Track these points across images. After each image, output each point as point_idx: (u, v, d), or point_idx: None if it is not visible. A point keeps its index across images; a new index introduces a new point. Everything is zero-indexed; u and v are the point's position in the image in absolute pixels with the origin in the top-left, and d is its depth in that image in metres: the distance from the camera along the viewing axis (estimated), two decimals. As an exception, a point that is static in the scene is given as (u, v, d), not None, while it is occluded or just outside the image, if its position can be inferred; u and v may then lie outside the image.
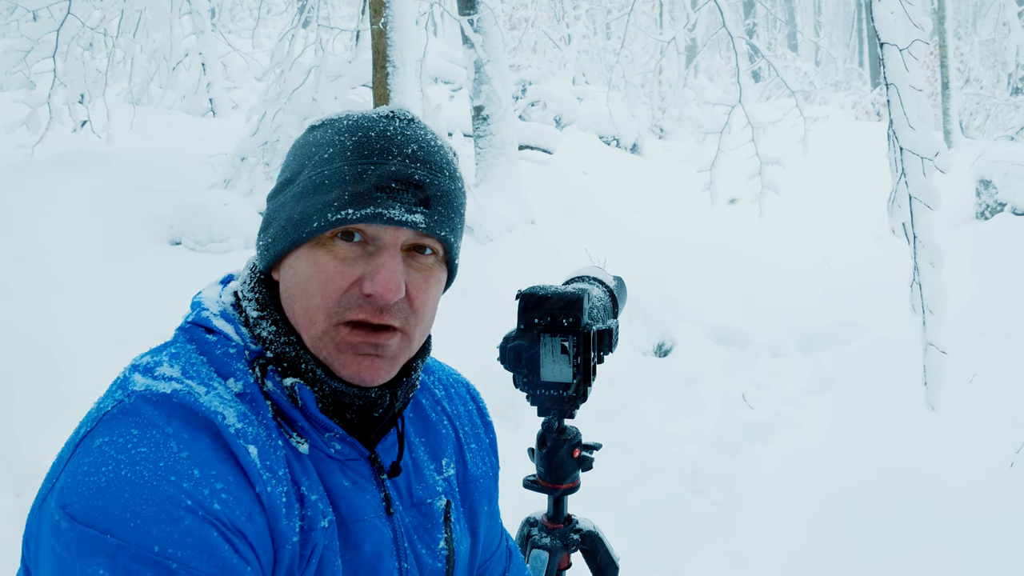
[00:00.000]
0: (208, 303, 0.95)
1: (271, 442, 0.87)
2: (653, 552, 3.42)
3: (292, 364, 0.91)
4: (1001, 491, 3.49)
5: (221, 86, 10.72)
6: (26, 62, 6.19)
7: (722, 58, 25.00)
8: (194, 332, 0.92)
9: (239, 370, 0.90)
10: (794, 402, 5.06)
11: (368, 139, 0.90)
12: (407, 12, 5.47)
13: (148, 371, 0.87)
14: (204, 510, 0.78)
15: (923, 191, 2.81)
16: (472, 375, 1.26)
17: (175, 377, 0.86)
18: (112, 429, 0.82)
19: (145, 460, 0.79)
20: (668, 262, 7.12)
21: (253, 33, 8.72)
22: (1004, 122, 15.66)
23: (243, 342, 0.92)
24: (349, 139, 0.90)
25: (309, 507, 0.88)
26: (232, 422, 0.84)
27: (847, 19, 38.13)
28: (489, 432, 1.18)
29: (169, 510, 0.76)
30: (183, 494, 0.78)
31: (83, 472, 0.79)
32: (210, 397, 0.85)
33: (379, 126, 0.91)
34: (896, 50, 2.83)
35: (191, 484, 0.79)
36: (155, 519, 0.76)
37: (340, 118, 0.94)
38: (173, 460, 0.80)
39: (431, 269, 0.93)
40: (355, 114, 0.94)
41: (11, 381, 3.50)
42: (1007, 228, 7.09)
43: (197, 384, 0.86)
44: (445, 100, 11.71)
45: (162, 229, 5.20)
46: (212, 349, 0.91)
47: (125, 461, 0.78)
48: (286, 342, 0.91)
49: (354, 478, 0.93)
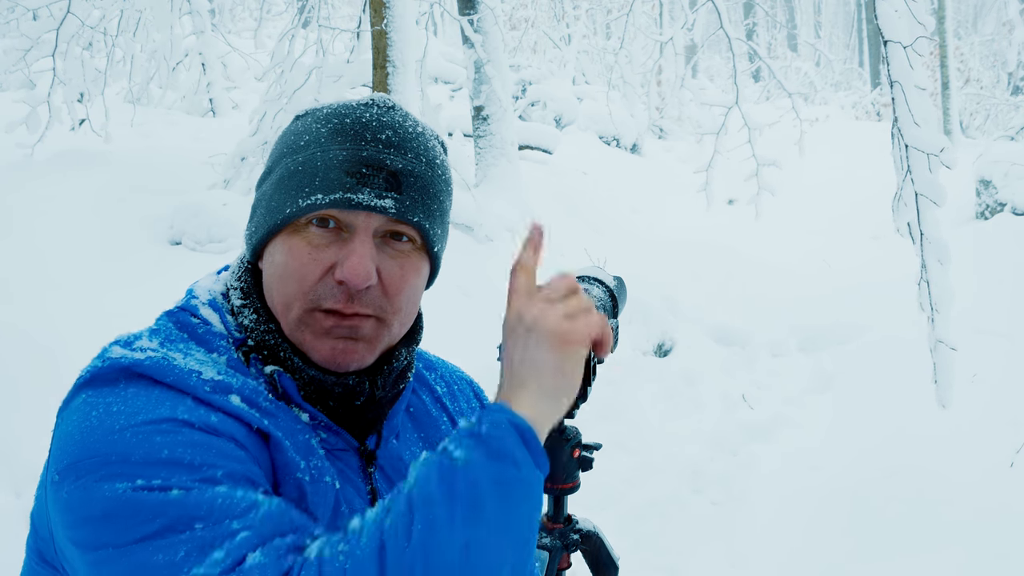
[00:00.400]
0: (199, 292, 0.96)
1: (259, 388, 0.87)
2: (653, 552, 3.42)
3: (272, 352, 0.91)
4: (1001, 491, 3.49)
5: (221, 86, 10.72)
6: (25, 61, 6.19)
7: (722, 58, 24.97)
8: (179, 316, 0.93)
9: (221, 346, 0.90)
10: (794, 402, 5.06)
11: (343, 126, 0.90)
12: (407, 12, 5.46)
13: (127, 344, 0.87)
14: (202, 423, 0.79)
15: (929, 188, 2.80)
16: (472, 375, 1.26)
17: (151, 348, 0.86)
18: (88, 391, 0.82)
19: (135, 398, 0.80)
20: (668, 262, 7.12)
21: (255, 34, 8.72)
22: (1004, 122, 15.66)
23: (227, 330, 0.92)
24: (324, 126, 0.90)
25: (316, 458, 0.87)
26: (210, 376, 0.84)
27: (847, 19, 38.13)
28: None
29: (166, 427, 0.77)
30: (177, 414, 0.78)
31: (71, 425, 0.80)
32: (187, 360, 0.85)
33: (355, 113, 0.91)
34: (900, 47, 2.83)
35: (184, 409, 0.79)
36: (156, 430, 0.76)
37: (321, 108, 0.94)
38: (161, 395, 0.80)
39: (407, 256, 0.91)
40: (336, 103, 0.94)
41: (11, 381, 3.50)
42: (1007, 228, 7.09)
43: (173, 352, 0.86)
44: (445, 100, 11.71)
45: (162, 229, 5.20)
46: (195, 329, 0.91)
47: (113, 401, 0.79)
48: (266, 330, 0.91)
49: (341, 467, 0.92)
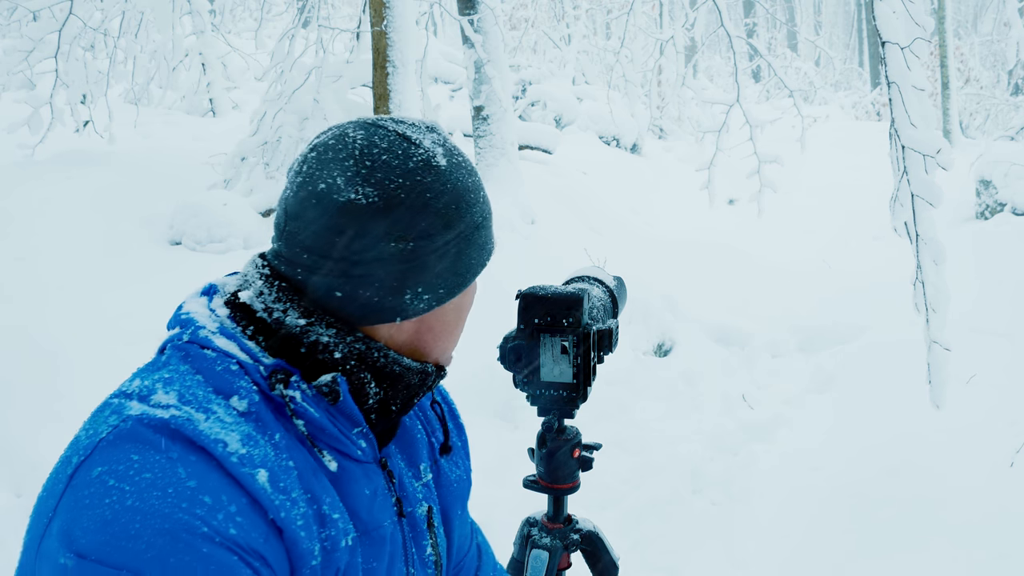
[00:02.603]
0: (201, 319, 0.88)
1: (281, 463, 0.82)
2: (653, 552, 3.42)
3: (362, 358, 0.88)
4: (1001, 491, 3.49)
5: (221, 86, 10.73)
6: (28, 62, 6.20)
7: (722, 58, 24.99)
8: (190, 350, 0.85)
9: (242, 388, 0.84)
10: (794, 402, 5.06)
11: (472, 169, 0.94)
12: (407, 12, 5.47)
13: (143, 399, 0.81)
14: (221, 536, 0.74)
15: (925, 188, 2.80)
16: (472, 375, 1.26)
17: (172, 404, 0.80)
18: (110, 456, 0.76)
19: (152, 487, 0.74)
20: (668, 262, 7.13)
21: (256, 34, 8.72)
22: (1004, 122, 15.67)
23: (252, 358, 0.85)
24: (469, 178, 0.92)
25: (330, 526, 0.84)
26: (235, 448, 0.79)
27: (847, 19, 38.14)
28: (461, 435, 1.15)
29: (185, 539, 0.72)
30: (197, 520, 0.73)
31: (84, 506, 0.74)
32: (210, 423, 0.80)
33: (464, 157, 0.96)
34: (898, 49, 2.83)
35: (204, 510, 0.74)
36: (171, 549, 0.72)
37: (435, 148, 0.91)
38: (181, 487, 0.75)
39: None
40: (433, 141, 0.91)
41: (11, 381, 3.50)
42: (1007, 228, 7.09)
43: (195, 410, 0.80)
44: (445, 100, 11.72)
45: (162, 229, 5.21)
46: (212, 366, 0.84)
47: (130, 490, 0.73)
48: (353, 340, 0.88)
49: (374, 483, 0.91)
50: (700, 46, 14.36)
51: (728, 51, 6.35)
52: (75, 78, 6.31)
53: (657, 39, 11.96)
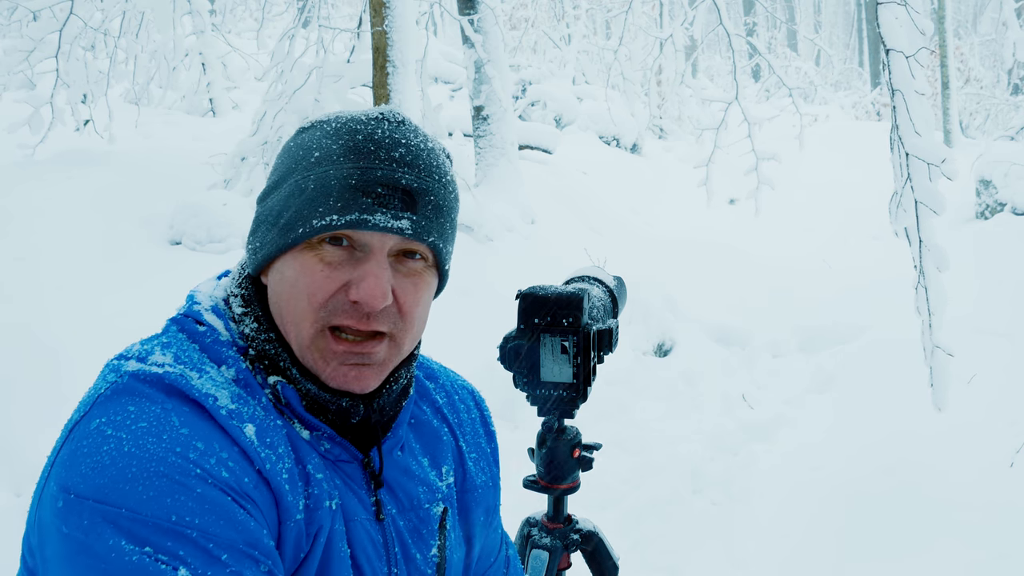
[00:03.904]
0: (201, 297, 0.96)
1: (270, 421, 0.87)
2: (653, 552, 3.42)
3: (272, 362, 0.91)
4: (1001, 490, 3.49)
5: (221, 86, 10.71)
6: (28, 62, 6.19)
7: (722, 58, 24.98)
8: (184, 323, 0.93)
9: (231, 357, 0.90)
10: (794, 402, 5.07)
11: (355, 143, 0.88)
12: (407, 12, 5.47)
13: (141, 359, 0.87)
14: (213, 478, 0.78)
15: (929, 196, 2.81)
16: (472, 375, 1.26)
17: (167, 363, 0.86)
18: (108, 409, 0.81)
19: (147, 434, 0.78)
20: (668, 262, 7.13)
21: (257, 34, 8.71)
22: (1004, 122, 15.67)
23: (231, 337, 0.92)
24: (336, 142, 0.89)
25: (314, 485, 0.88)
26: (225, 403, 0.84)
27: (847, 19, 38.13)
28: (491, 441, 1.16)
29: (180, 479, 0.76)
30: (191, 464, 0.77)
31: (83, 454, 0.78)
32: (203, 380, 0.85)
33: (367, 129, 0.89)
34: (902, 56, 2.83)
35: (197, 455, 0.78)
36: (167, 489, 0.75)
37: (329, 120, 0.92)
38: (175, 433, 0.79)
39: (420, 275, 0.92)
40: (344, 115, 0.92)
41: (11, 381, 3.50)
42: (1007, 228, 7.09)
43: (189, 369, 0.86)
44: (445, 100, 11.71)
45: (162, 229, 5.20)
46: (203, 338, 0.91)
47: (127, 437, 0.78)
48: (266, 339, 0.91)
49: (345, 479, 0.92)
50: (700, 45, 14.35)
51: (728, 50, 6.35)
52: (75, 78, 6.31)
53: (656, 38, 11.95)
